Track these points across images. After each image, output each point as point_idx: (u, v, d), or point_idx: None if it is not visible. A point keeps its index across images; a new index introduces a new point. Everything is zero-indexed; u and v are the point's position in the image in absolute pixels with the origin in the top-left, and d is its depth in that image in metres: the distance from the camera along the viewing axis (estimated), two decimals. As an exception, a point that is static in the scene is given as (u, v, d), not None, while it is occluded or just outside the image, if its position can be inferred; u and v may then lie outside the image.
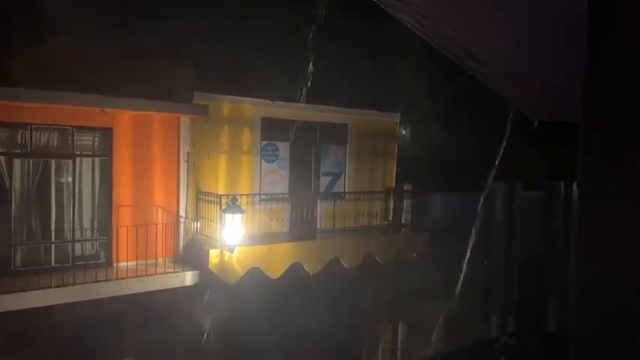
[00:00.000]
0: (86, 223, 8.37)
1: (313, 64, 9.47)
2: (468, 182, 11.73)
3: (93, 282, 7.52)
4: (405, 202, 11.47)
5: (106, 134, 8.43)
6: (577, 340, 1.25)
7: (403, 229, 11.42)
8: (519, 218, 13.68)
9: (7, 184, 7.70)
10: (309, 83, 9.60)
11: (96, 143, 8.48)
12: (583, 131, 1.22)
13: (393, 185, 11.90)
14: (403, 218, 11.47)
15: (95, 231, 8.46)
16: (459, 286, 11.78)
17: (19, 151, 7.81)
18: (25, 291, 6.97)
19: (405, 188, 11.60)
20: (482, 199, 12.55)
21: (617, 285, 1.16)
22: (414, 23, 1.79)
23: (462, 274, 11.91)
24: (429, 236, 11.21)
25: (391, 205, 11.63)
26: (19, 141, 7.80)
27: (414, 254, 11.07)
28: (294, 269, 9.25)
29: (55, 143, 8.10)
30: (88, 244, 8.46)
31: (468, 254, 12.07)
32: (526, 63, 1.99)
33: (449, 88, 10.08)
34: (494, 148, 10.70)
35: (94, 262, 8.33)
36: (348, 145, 11.40)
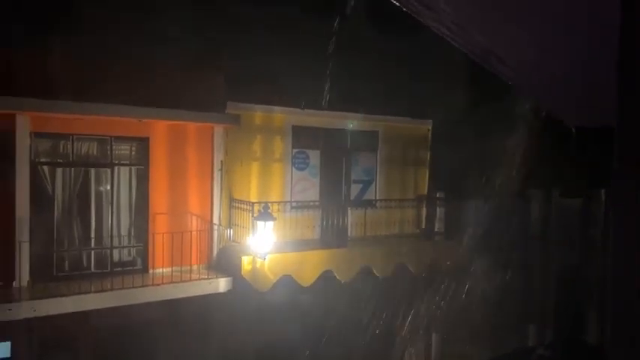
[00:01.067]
0: (124, 230, 8.63)
1: (344, 72, 9.51)
2: (504, 189, 11.49)
3: (130, 287, 7.72)
4: (437, 209, 11.32)
5: (143, 144, 8.68)
6: (614, 353, 1.22)
7: (436, 237, 11.27)
8: (556, 226, 13.28)
9: (50, 192, 8.02)
10: (339, 91, 9.65)
11: (133, 152, 8.74)
12: (617, 136, 1.19)
13: (426, 192, 11.76)
14: (436, 226, 11.32)
15: (132, 238, 8.70)
16: (493, 295, 11.51)
17: (61, 160, 8.12)
18: (65, 296, 7.22)
19: (437, 195, 11.45)
20: (517, 207, 12.26)
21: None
22: (444, 30, 1.78)
23: (497, 284, 11.63)
24: (463, 245, 11.01)
25: (423, 212, 11.50)
26: (61, 151, 8.12)
27: (447, 263, 10.89)
28: (326, 277, 9.25)
29: (95, 153, 8.40)
30: (126, 251, 8.70)
31: (503, 263, 11.79)
32: (558, 67, 1.95)
33: (483, 94, 9.93)
34: (531, 154, 10.45)
35: (131, 268, 8.56)
36: (378, 152, 11.37)
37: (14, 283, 7.40)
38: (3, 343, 7.34)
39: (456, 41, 2.04)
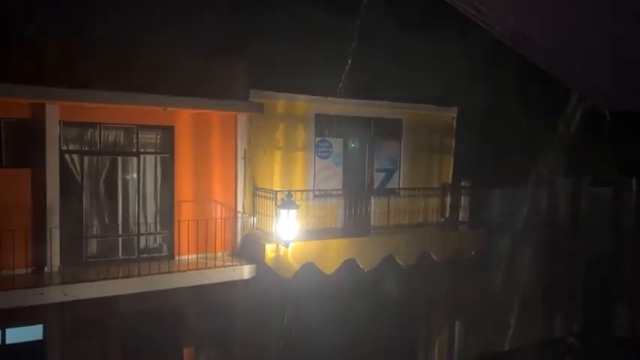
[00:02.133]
0: (150, 218, 8.78)
1: (368, 60, 9.39)
2: (531, 178, 11.25)
3: (157, 274, 7.87)
4: (462, 198, 11.16)
5: (168, 132, 8.78)
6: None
7: (460, 226, 11.13)
8: (586, 215, 12.97)
9: (79, 180, 8.20)
10: (363, 79, 9.54)
11: (158, 141, 8.85)
12: None
13: (450, 181, 11.61)
14: (460, 215, 11.17)
15: (158, 225, 8.85)
16: (519, 284, 11.35)
17: (89, 148, 8.29)
18: (94, 281, 7.41)
19: (462, 184, 11.29)
20: (544, 196, 12.01)
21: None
22: (472, 12, 1.72)
23: (523, 273, 11.46)
24: (488, 234, 10.86)
25: (448, 201, 11.36)
26: (89, 139, 8.28)
27: (472, 252, 10.76)
28: (349, 265, 9.25)
29: (122, 141, 8.54)
30: (152, 238, 8.86)
31: (529, 253, 11.60)
32: (590, 50, 1.87)
33: (511, 81, 9.69)
34: (561, 141, 10.18)
35: (157, 254, 8.72)
36: (402, 141, 11.24)
37: (45, 268, 7.63)
38: (35, 326, 7.60)
39: (484, 22, 1.97)
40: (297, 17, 9.23)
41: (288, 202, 8.40)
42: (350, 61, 9.00)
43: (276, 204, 8.61)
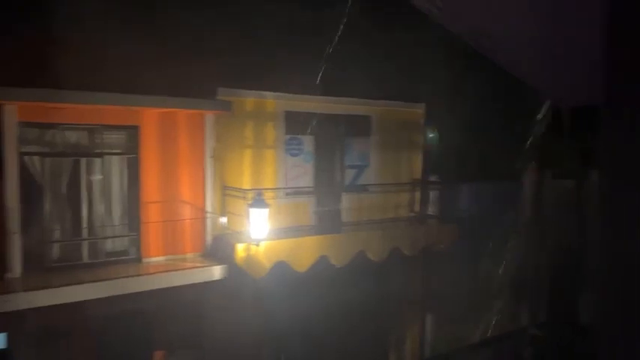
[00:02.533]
0: (116, 220, 8.57)
1: (337, 57, 9.42)
2: (497, 172, 11.51)
3: (124, 277, 7.70)
4: (431, 193, 11.33)
5: (134, 132, 8.57)
6: (601, 327, 1.21)
7: (430, 220, 11.30)
8: (549, 207, 13.37)
9: (40, 182, 7.93)
10: (332, 76, 9.56)
11: (123, 141, 8.63)
12: (603, 115, 1.17)
13: (420, 177, 11.77)
14: (430, 210, 11.35)
15: (125, 227, 8.65)
16: (486, 276, 11.61)
17: (51, 150, 8.02)
18: (59, 286, 7.19)
19: (431, 179, 11.45)
20: (510, 189, 12.31)
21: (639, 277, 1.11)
22: (433, 10, 1.74)
23: (490, 265, 11.73)
24: (457, 227, 11.07)
25: (417, 196, 11.52)
26: (50, 140, 8.01)
27: (441, 246, 10.95)
28: (321, 262, 9.27)
29: (85, 142, 8.29)
30: (118, 240, 8.65)
31: (495, 245, 11.87)
32: (550, 47, 1.92)
33: (475, 77, 9.87)
34: (524, 136, 10.45)
35: (124, 257, 8.52)
36: (372, 137, 11.32)
37: (7, 275, 7.35)
38: (-1, 335, 7.33)
39: (443, 20, 2.00)
40: (266, 15, 9.15)
41: (259, 201, 8.34)
42: (319, 57, 9.01)
43: (246, 203, 8.54)
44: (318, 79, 8.97)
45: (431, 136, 10.53)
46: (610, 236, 1.17)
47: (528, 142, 10.40)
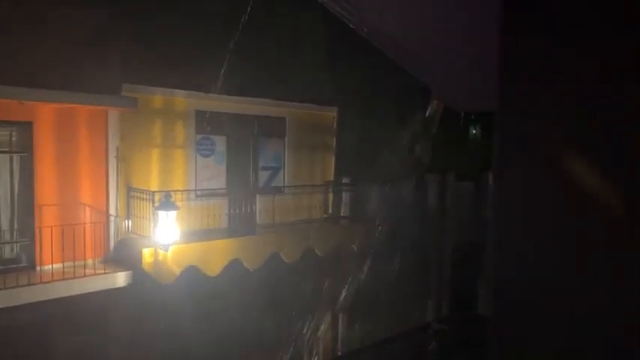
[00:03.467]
0: (4, 225, 7.78)
1: (250, 58, 9.30)
2: (404, 174, 12.03)
3: (14, 287, 7.01)
4: (343, 194, 11.59)
5: (26, 129, 7.85)
6: (496, 323, 1.28)
7: (342, 221, 11.54)
8: (452, 207, 14.23)
9: None
10: (246, 77, 9.42)
11: (14, 138, 7.87)
12: (498, 121, 1.24)
13: (332, 178, 11.98)
14: (342, 211, 11.59)
15: (15, 232, 7.89)
16: (395, 274, 12.08)
17: None
18: None
19: (343, 181, 11.71)
20: (416, 191, 12.93)
21: (529, 272, 1.20)
22: (338, 9, 1.76)
23: (398, 263, 12.23)
24: (367, 227, 11.40)
25: (330, 198, 11.72)
26: None
27: (352, 246, 11.22)
28: (233, 266, 9.10)
29: (-34, 139, 7.46)
30: (8, 247, 7.88)
31: (403, 244, 12.40)
32: (448, 53, 2.03)
33: (385, 81, 10.24)
34: (429, 140, 11.02)
35: (14, 265, 7.77)
36: (286, 139, 11.34)
37: None
38: None
39: (354, 24, 2.03)
40: (176, 10, 8.81)
41: (167, 203, 8.01)
42: (232, 57, 8.84)
43: (153, 205, 8.15)
44: (228, 78, 8.79)
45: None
46: (501, 235, 1.25)
47: (434, 146, 10.99)
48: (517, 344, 1.24)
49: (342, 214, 11.58)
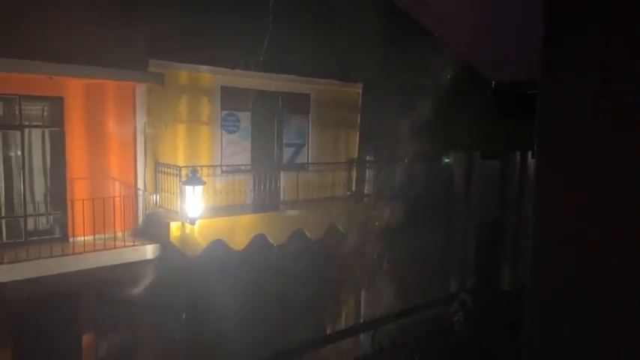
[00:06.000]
0: (38, 197, 8.03)
1: (276, 33, 9.23)
2: (430, 152, 11.89)
3: (48, 257, 7.27)
4: (367, 172, 11.54)
5: (57, 104, 8.02)
6: (532, 295, 1.27)
7: (366, 199, 11.53)
8: (478, 186, 14.06)
9: (-50, 157, 7.26)
10: (270, 52, 9.37)
11: (46, 113, 8.06)
12: (540, 98, 1.18)
13: (356, 156, 11.92)
14: (366, 188, 11.56)
15: (49, 205, 8.14)
16: (419, 251, 12.05)
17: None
18: (-26, 268, 6.67)
19: (367, 158, 11.64)
20: (442, 168, 12.78)
21: (571, 247, 1.17)
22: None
23: (423, 240, 12.19)
24: (391, 205, 11.36)
25: (354, 175, 11.69)
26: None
27: (376, 223, 11.21)
28: (258, 241, 9.22)
29: (1, 113, 7.65)
30: (42, 219, 8.14)
31: (429, 221, 12.34)
32: (484, 17, 1.97)
33: (412, 56, 10.05)
34: (458, 116, 10.82)
35: (48, 237, 8.05)
36: (311, 116, 11.30)
37: None
38: None
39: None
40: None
41: (194, 178, 8.12)
42: (258, 33, 8.78)
43: (180, 180, 8.28)
44: (254, 55, 8.74)
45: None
46: (541, 215, 1.21)
47: (462, 123, 10.80)
48: (553, 324, 1.22)
49: (365, 192, 11.55)
